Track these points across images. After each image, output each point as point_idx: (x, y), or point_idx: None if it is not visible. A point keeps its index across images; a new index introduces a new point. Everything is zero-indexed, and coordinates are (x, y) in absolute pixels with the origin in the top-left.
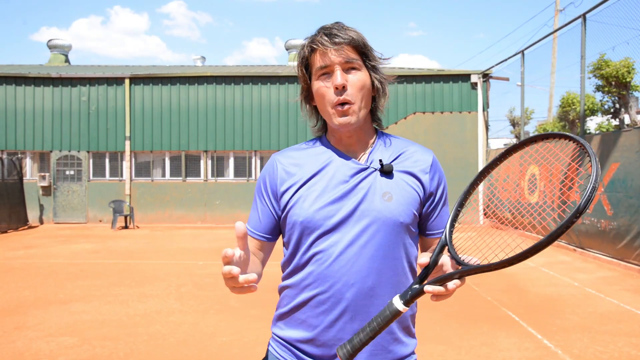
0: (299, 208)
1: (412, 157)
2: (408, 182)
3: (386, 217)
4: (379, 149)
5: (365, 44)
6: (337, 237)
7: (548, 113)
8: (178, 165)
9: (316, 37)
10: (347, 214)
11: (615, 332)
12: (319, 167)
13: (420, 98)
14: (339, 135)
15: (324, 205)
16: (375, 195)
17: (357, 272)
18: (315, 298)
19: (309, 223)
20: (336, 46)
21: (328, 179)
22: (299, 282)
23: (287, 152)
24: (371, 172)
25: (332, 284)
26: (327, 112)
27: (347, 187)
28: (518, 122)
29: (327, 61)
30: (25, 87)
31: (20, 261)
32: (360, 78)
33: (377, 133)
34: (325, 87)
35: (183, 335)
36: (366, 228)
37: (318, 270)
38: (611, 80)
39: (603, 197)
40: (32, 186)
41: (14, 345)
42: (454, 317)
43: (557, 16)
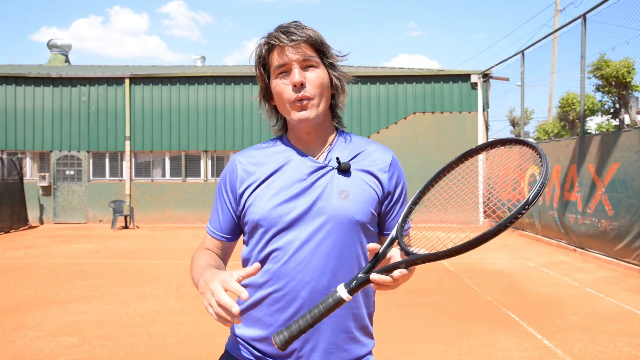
0: (256, 206)
1: (371, 156)
2: (366, 180)
3: (342, 215)
4: (338, 147)
5: (322, 42)
6: (293, 235)
7: (548, 113)
8: (178, 165)
9: (273, 35)
10: (303, 211)
11: (615, 332)
12: (278, 165)
13: (420, 98)
14: (299, 133)
15: (280, 203)
16: (332, 193)
17: (312, 270)
18: (270, 296)
19: (264, 221)
20: (293, 43)
21: (286, 177)
22: (256, 280)
23: (247, 151)
24: (329, 171)
25: (287, 282)
26: (286, 109)
27: (304, 185)
28: (518, 122)
29: (284, 59)
30: (25, 87)
31: (20, 261)
32: (319, 75)
33: (337, 131)
34: (284, 85)
35: (183, 335)
36: (322, 226)
37: (274, 268)
38: (611, 80)
39: (604, 197)
40: (32, 186)
41: (14, 345)
42: (454, 317)
43: (557, 16)
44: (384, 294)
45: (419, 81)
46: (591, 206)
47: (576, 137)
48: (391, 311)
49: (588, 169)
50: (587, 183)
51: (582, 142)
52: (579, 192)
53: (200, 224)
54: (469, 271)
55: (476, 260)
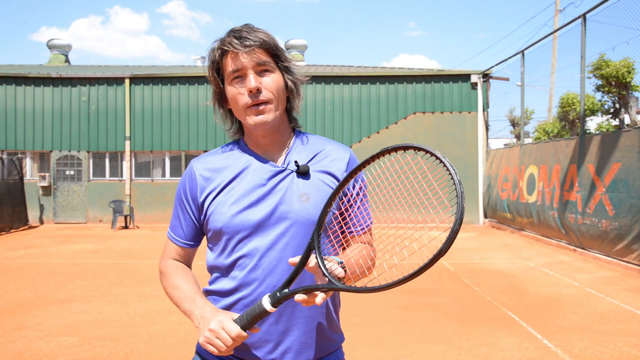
0: (218, 214)
1: (329, 157)
2: (325, 181)
3: (304, 218)
4: (296, 149)
5: (276, 46)
6: (258, 241)
7: (548, 113)
8: (178, 165)
9: (226, 40)
10: (265, 216)
11: (615, 332)
12: (237, 171)
13: (420, 98)
14: (256, 137)
15: (242, 210)
16: (293, 197)
17: (279, 274)
18: (239, 302)
19: (227, 228)
20: (247, 49)
21: (246, 183)
22: (224, 286)
23: (204, 157)
24: (288, 174)
25: (255, 287)
26: (242, 114)
27: (264, 190)
28: (518, 122)
29: (239, 65)
30: (25, 87)
31: (20, 261)
32: (274, 79)
33: (294, 133)
34: (239, 92)
35: (183, 335)
36: (285, 230)
37: (241, 275)
38: (611, 80)
39: (604, 198)
40: (32, 186)
41: (14, 345)
42: (454, 317)
43: (557, 16)
44: (385, 293)
45: (419, 81)
46: (591, 206)
47: (576, 137)
48: (391, 311)
49: (588, 169)
50: (587, 183)
51: (582, 142)
52: (578, 192)
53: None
54: (469, 271)
55: (476, 260)
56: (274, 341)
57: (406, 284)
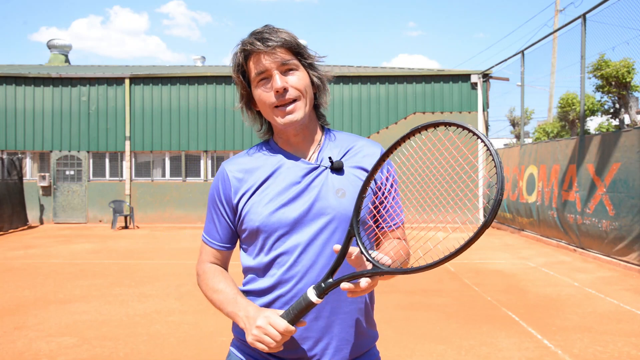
0: (254, 213)
1: (361, 152)
2: (359, 176)
3: (341, 213)
4: (328, 146)
5: (298, 44)
6: (296, 238)
7: (548, 113)
8: (178, 165)
9: (248, 42)
10: (302, 213)
11: (615, 332)
12: (270, 170)
13: (420, 98)
14: (286, 136)
15: (279, 207)
16: (329, 193)
17: (319, 270)
18: (278, 300)
19: (265, 227)
20: (269, 49)
21: (280, 181)
22: (262, 285)
23: (236, 159)
24: (322, 171)
25: (294, 284)
26: (271, 115)
27: (300, 187)
28: (518, 122)
29: (263, 66)
30: (25, 87)
31: (20, 261)
32: (300, 77)
33: (323, 130)
34: (266, 92)
35: (183, 335)
36: (324, 226)
37: (280, 272)
38: (611, 80)
39: (605, 198)
40: (32, 186)
41: (14, 345)
42: (454, 317)
43: (557, 16)
44: (386, 293)
45: (419, 81)
46: (591, 206)
47: (576, 137)
48: (391, 311)
49: (587, 169)
50: (587, 183)
51: (582, 142)
52: (577, 192)
53: (200, 224)
54: (469, 271)
55: (476, 260)
56: (314, 338)
57: (406, 284)
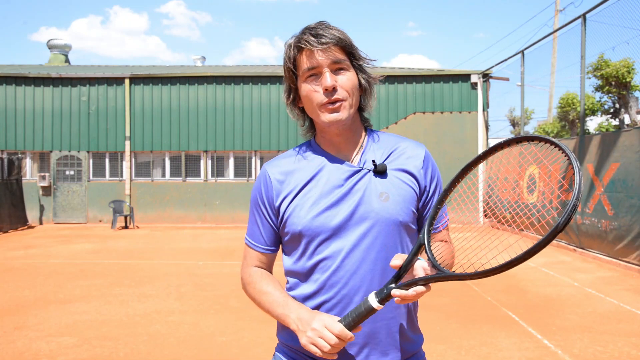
0: (296, 217)
1: (405, 154)
2: (403, 179)
3: (385, 217)
4: (370, 148)
5: (351, 44)
6: (339, 243)
7: (548, 113)
8: (178, 165)
9: (303, 37)
10: (346, 217)
11: (615, 332)
12: (312, 173)
13: (420, 98)
14: (329, 136)
15: (322, 212)
16: (372, 197)
17: (363, 275)
18: (323, 305)
19: (308, 231)
20: (323, 46)
21: (322, 184)
22: (305, 291)
23: (277, 161)
24: (365, 174)
25: (339, 289)
26: (316, 112)
27: (343, 191)
28: (518, 122)
29: (314, 62)
30: (25, 87)
31: (20, 261)
32: (349, 78)
33: (366, 132)
34: (314, 89)
35: (183, 335)
36: (367, 230)
37: (323, 277)
38: (611, 80)
39: (603, 197)
40: (32, 186)
41: (14, 345)
42: (454, 317)
43: (557, 16)
44: None
45: (419, 81)
46: (590, 206)
47: (576, 137)
48: None
49: (587, 169)
50: (586, 183)
51: (582, 142)
52: None
53: (200, 224)
54: None
55: (476, 260)
56: (359, 344)
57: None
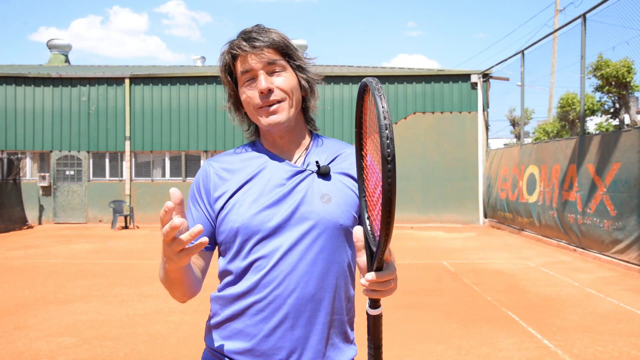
0: (235, 214)
1: (349, 159)
2: (346, 183)
3: (326, 219)
4: (315, 151)
5: (287, 45)
6: (277, 242)
7: (548, 113)
8: (178, 165)
9: (235, 43)
10: (286, 217)
11: (615, 332)
12: (254, 171)
13: (420, 98)
14: (272, 138)
15: (261, 210)
16: (314, 198)
17: (299, 276)
18: (254, 306)
19: (245, 229)
20: (256, 50)
21: (264, 182)
22: (236, 290)
23: (220, 157)
24: (308, 175)
25: (271, 290)
26: (255, 116)
27: (284, 190)
28: (518, 122)
29: (248, 66)
30: (25, 87)
31: (20, 261)
32: (286, 78)
33: (311, 135)
34: (251, 92)
35: (183, 335)
36: (307, 231)
37: (257, 277)
38: (611, 80)
39: (605, 197)
40: (32, 186)
41: (14, 345)
42: (454, 317)
43: (557, 16)
44: None
45: (419, 81)
46: (592, 206)
47: (576, 137)
48: (391, 311)
49: (588, 169)
50: (587, 183)
51: (582, 142)
52: (578, 192)
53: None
54: (469, 271)
55: (476, 260)
56: (287, 348)
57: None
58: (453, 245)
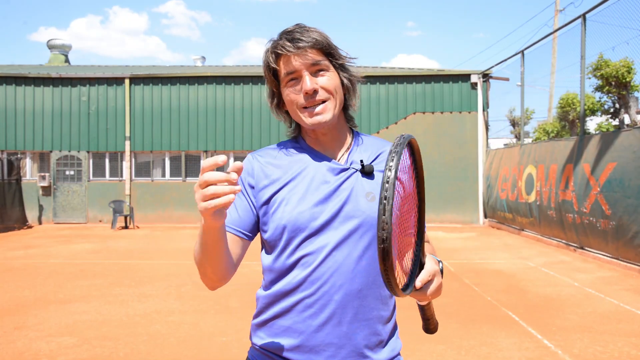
0: (282, 211)
1: None
2: None
3: (372, 217)
4: (357, 149)
5: (329, 44)
6: (324, 240)
7: (548, 113)
8: (178, 165)
9: (279, 43)
10: (332, 215)
11: (615, 332)
12: (299, 168)
13: (420, 98)
14: (315, 135)
15: (308, 208)
16: (359, 196)
17: (344, 273)
18: (301, 302)
19: (293, 226)
20: (299, 50)
21: (309, 180)
22: (283, 287)
23: (265, 151)
24: (352, 173)
25: (319, 286)
26: (299, 116)
27: (330, 188)
28: (518, 122)
29: (292, 67)
30: (25, 87)
31: (20, 261)
32: (330, 78)
33: (352, 133)
34: (295, 94)
35: (183, 335)
36: (353, 229)
37: (304, 273)
38: (611, 80)
39: (600, 197)
40: (32, 186)
41: (14, 345)
42: (454, 317)
43: (557, 16)
44: None
45: (419, 81)
46: (587, 205)
47: (575, 137)
48: None
49: (584, 169)
50: (582, 182)
51: (581, 142)
52: (573, 191)
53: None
54: (469, 271)
55: (476, 260)
56: (335, 344)
57: None
58: (453, 245)
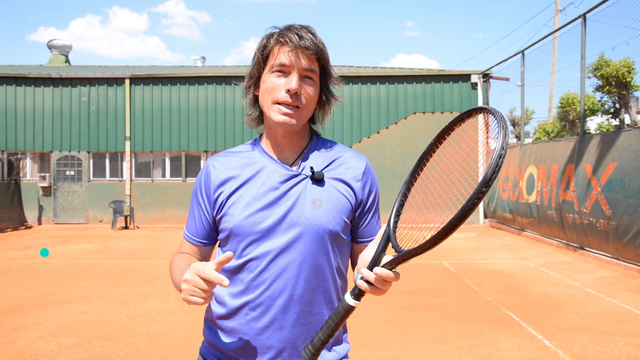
0: (230, 215)
1: (345, 164)
2: (339, 189)
3: (316, 224)
4: (312, 155)
5: (327, 60)
6: (269, 245)
7: (548, 113)
8: (178, 165)
9: (287, 33)
10: (276, 221)
11: (615, 332)
12: (251, 173)
13: (420, 98)
14: (274, 135)
15: (254, 212)
16: (306, 203)
17: (287, 279)
18: (245, 306)
19: (238, 230)
20: (302, 49)
21: (259, 185)
22: (230, 289)
23: (221, 156)
24: (302, 179)
25: (262, 290)
26: (269, 107)
27: (277, 194)
28: (518, 122)
29: (288, 61)
30: (25, 87)
31: (20, 261)
32: (313, 90)
33: (311, 139)
34: (277, 84)
35: (183, 335)
36: (297, 236)
37: (249, 277)
38: (611, 80)
39: (600, 197)
40: (32, 186)
41: (14, 345)
42: (454, 317)
43: (557, 16)
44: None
45: (419, 81)
46: (588, 206)
47: (576, 137)
48: (391, 311)
49: (585, 169)
50: (584, 183)
51: (582, 142)
52: (574, 191)
53: None
54: (469, 271)
55: (476, 260)
56: (276, 347)
57: (406, 284)
58: (453, 246)
